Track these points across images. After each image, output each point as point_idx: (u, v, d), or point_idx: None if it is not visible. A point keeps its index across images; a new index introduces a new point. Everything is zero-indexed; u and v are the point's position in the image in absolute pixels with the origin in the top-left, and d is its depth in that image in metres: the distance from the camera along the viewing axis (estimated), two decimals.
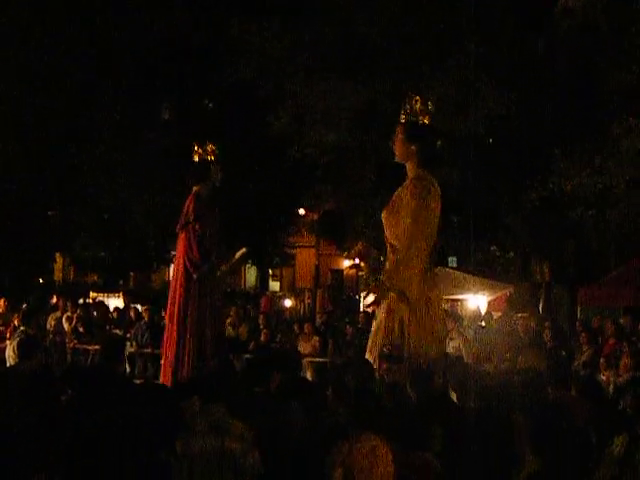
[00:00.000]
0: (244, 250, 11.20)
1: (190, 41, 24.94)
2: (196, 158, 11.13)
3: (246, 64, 21.00)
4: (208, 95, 27.44)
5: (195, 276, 10.36)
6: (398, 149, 8.36)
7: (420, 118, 8.29)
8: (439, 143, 8.45)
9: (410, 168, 8.30)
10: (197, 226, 10.47)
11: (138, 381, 13.01)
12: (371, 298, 8.24)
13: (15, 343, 10.92)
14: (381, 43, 19.66)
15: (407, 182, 8.24)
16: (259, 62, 20.83)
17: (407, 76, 19.24)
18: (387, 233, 8.22)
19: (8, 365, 10.80)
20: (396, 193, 8.32)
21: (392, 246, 8.15)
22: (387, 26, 19.49)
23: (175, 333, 10.43)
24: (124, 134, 24.76)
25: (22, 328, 11.69)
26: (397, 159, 8.47)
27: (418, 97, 8.37)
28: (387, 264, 8.11)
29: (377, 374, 7.65)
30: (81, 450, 4.81)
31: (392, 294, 7.79)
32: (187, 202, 10.78)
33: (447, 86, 18.91)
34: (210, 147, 11.16)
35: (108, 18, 23.83)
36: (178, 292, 10.46)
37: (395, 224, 8.05)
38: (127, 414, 4.86)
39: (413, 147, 8.21)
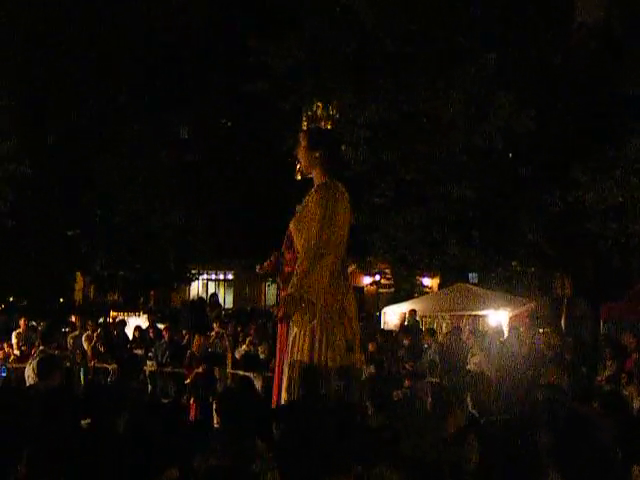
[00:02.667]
0: (354, 266, 11.06)
1: (207, 58, 25.07)
2: (299, 177, 10.91)
3: (263, 81, 21.04)
4: (225, 113, 27.54)
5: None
6: (302, 157, 8.11)
7: (322, 124, 8.09)
8: (343, 148, 8.16)
9: (316, 176, 8.07)
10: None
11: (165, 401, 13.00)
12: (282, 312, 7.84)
13: (34, 363, 10.92)
14: (396, 60, 19.64)
15: (312, 190, 8.01)
16: (275, 78, 20.87)
17: (423, 92, 19.26)
18: (296, 243, 7.99)
19: (28, 385, 10.78)
20: (303, 202, 8.08)
21: (300, 256, 7.91)
22: (402, 41, 19.48)
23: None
24: (142, 153, 24.88)
25: (42, 347, 11.66)
26: (303, 168, 8.24)
27: (320, 103, 8.18)
28: (294, 275, 7.79)
29: (291, 384, 7.46)
30: (98, 468, 4.77)
31: (303, 305, 7.56)
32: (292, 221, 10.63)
33: (464, 102, 18.87)
34: None
35: (126, 35, 23.98)
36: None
37: (302, 234, 7.82)
38: (144, 432, 4.83)
39: (317, 154, 7.99)
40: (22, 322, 18.34)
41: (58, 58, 22.98)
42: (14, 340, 17.48)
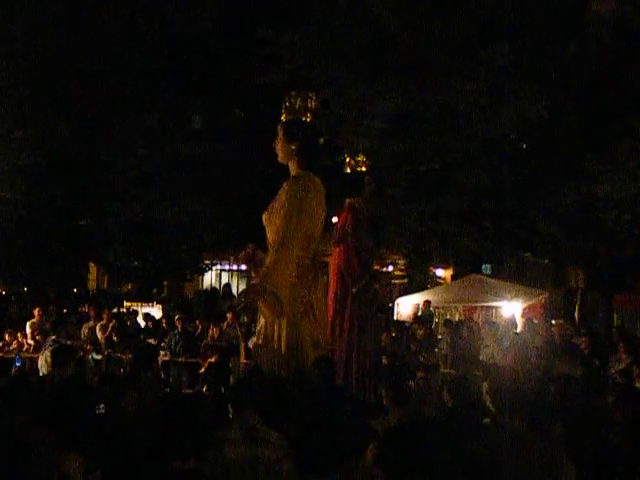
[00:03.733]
0: (404, 261, 11.02)
1: (220, 48, 25.06)
2: (348, 170, 10.86)
3: (277, 72, 21.00)
4: (238, 103, 27.53)
5: (354, 290, 10.18)
6: (279, 149, 8.05)
7: (300, 116, 8.00)
8: (321, 141, 8.11)
9: (292, 167, 8.01)
10: (355, 240, 10.30)
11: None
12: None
13: (48, 352, 11.01)
14: (410, 49, 19.57)
15: (286, 182, 7.92)
16: (290, 69, 20.82)
17: (437, 83, 19.19)
18: (268, 235, 7.89)
19: (41, 374, 10.86)
20: (278, 194, 7.99)
21: (270, 249, 7.80)
22: (416, 32, 19.41)
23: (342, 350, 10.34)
24: (155, 143, 24.91)
25: (54, 337, 11.72)
26: (279, 159, 8.18)
27: (299, 95, 8.09)
28: (263, 267, 7.67)
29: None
30: (114, 457, 4.81)
31: (266, 297, 7.35)
32: (342, 215, 10.58)
33: (478, 92, 18.81)
34: (361, 158, 10.92)
35: (139, 26, 24.00)
36: (333, 307, 10.32)
37: (273, 226, 7.73)
38: (159, 421, 4.85)
39: (293, 146, 7.92)
40: (36, 312, 18.40)
41: (73, 47, 23.01)
42: (28, 330, 17.53)
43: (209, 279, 36.83)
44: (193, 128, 27.15)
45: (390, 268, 35.05)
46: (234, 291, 30.26)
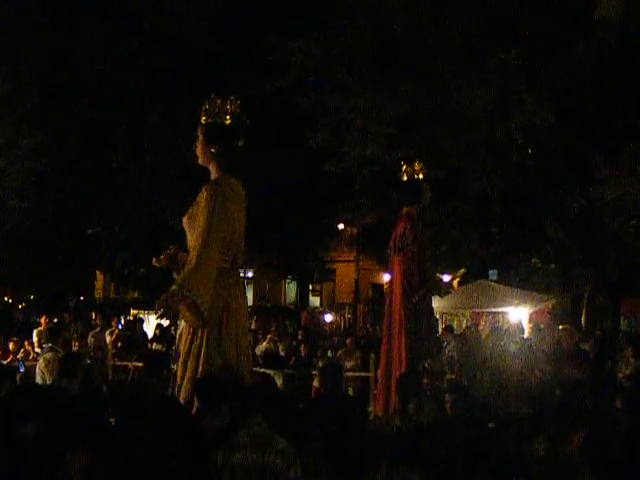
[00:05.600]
0: (463, 270, 11.04)
1: (228, 54, 25.10)
2: (405, 177, 10.78)
3: (284, 78, 21.01)
4: (247, 108, 27.54)
5: (414, 299, 10.18)
6: (199, 152, 8.02)
7: (219, 119, 7.93)
8: (241, 144, 7.97)
9: (212, 170, 7.96)
10: (415, 249, 10.29)
11: None
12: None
13: (42, 360, 11.00)
14: (417, 53, 19.59)
15: (205, 186, 7.85)
16: (297, 75, 20.85)
17: (444, 89, 19.21)
18: (187, 239, 7.83)
19: (38, 381, 10.83)
20: (197, 198, 7.92)
21: (190, 254, 7.72)
22: (423, 36, 19.42)
23: (390, 355, 10.38)
24: (163, 150, 24.94)
25: (49, 345, 11.64)
26: (200, 162, 8.13)
27: (219, 97, 8.03)
28: (183, 272, 7.57)
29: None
30: (122, 465, 4.81)
31: (183, 306, 7.16)
32: (399, 224, 10.56)
33: (485, 95, 18.81)
34: (418, 165, 10.85)
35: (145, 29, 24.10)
36: (397, 315, 10.31)
37: (193, 230, 7.67)
38: (166, 428, 4.86)
39: (213, 149, 7.88)
40: (43, 320, 18.39)
41: (80, 51, 23.14)
42: (35, 338, 17.50)
43: None
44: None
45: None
46: None
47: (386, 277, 11.28)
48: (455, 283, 11.08)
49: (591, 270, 22.51)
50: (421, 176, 10.74)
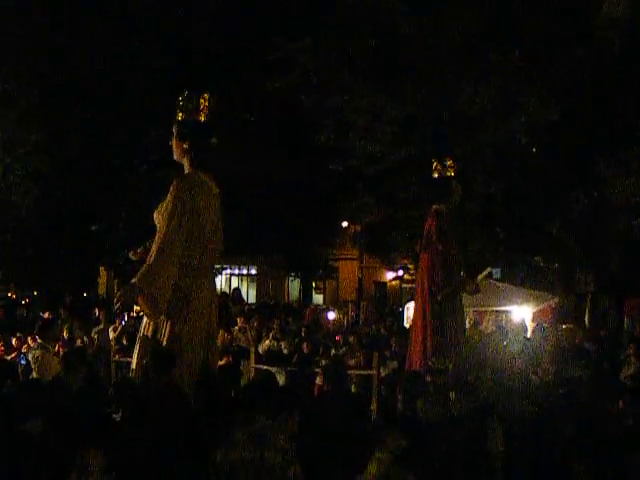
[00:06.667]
0: (489, 269, 11.04)
1: (228, 54, 25.08)
2: (435, 175, 10.71)
3: (288, 78, 20.99)
4: (250, 108, 27.55)
5: (439, 298, 10.17)
6: (174, 147, 8.07)
7: (193, 116, 7.97)
8: (214, 141, 8.00)
9: (185, 166, 8.01)
10: (440, 247, 10.25)
11: None
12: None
13: (32, 356, 10.98)
14: (420, 52, 19.56)
15: (174, 181, 7.85)
16: (301, 75, 20.82)
17: (448, 88, 19.20)
18: (157, 234, 7.81)
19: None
20: (168, 193, 7.91)
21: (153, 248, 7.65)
22: (423, 36, 19.39)
23: (417, 355, 10.40)
24: (165, 148, 24.92)
25: (39, 341, 11.63)
26: (175, 157, 8.16)
27: (193, 94, 8.07)
28: (144, 266, 7.45)
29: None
30: (127, 460, 4.82)
31: (145, 296, 7.17)
32: (428, 222, 10.53)
33: (488, 96, 18.79)
34: (449, 162, 10.78)
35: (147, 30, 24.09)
36: (419, 313, 10.31)
37: (160, 225, 7.66)
38: (168, 425, 4.87)
39: (185, 145, 7.91)
40: (46, 316, 18.37)
41: (80, 51, 23.13)
42: None
43: (219, 283, 36.88)
44: None
45: (400, 272, 35.01)
46: (243, 296, 30.27)
47: (389, 275, 11.31)
48: (481, 278, 11.06)
49: (594, 270, 22.49)
50: (452, 174, 10.70)
